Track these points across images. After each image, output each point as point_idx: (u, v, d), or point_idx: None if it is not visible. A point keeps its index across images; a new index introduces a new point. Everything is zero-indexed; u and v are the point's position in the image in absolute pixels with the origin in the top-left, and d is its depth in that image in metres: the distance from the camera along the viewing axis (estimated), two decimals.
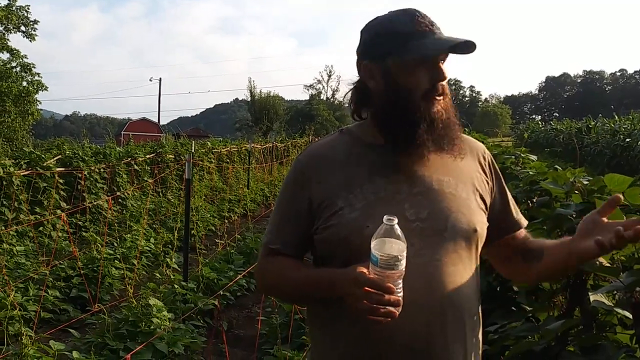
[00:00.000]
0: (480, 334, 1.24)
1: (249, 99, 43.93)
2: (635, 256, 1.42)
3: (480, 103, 78.27)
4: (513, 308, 1.88)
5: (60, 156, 8.32)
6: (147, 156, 10.36)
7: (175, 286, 4.60)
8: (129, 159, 9.65)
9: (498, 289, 2.05)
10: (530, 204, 2.17)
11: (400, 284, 1.02)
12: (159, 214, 8.32)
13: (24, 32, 23.90)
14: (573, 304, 1.54)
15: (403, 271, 1.01)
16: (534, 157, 3.31)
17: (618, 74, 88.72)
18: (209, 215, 8.50)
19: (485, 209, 1.24)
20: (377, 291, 1.01)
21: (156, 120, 44.90)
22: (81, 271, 5.03)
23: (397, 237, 1.00)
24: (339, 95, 52.52)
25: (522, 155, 3.50)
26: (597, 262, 1.44)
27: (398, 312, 1.02)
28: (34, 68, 23.52)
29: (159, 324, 3.72)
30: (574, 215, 1.57)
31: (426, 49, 1.13)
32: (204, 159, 11.40)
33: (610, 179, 1.55)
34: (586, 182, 1.72)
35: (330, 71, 55.21)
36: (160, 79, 46.94)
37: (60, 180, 7.65)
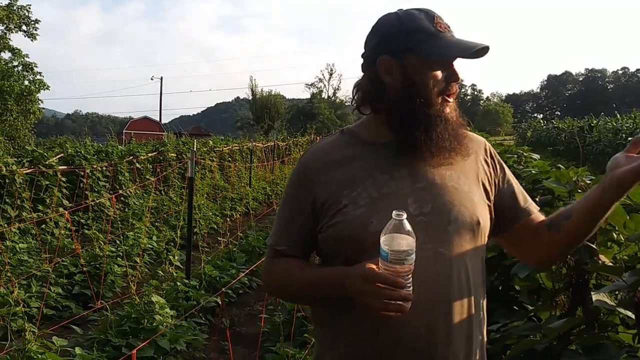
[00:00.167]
0: (485, 329, 1.25)
1: (250, 98, 44.01)
2: (638, 255, 1.42)
3: (481, 101, 78.12)
4: (515, 307, 1.88)
5: (62, 154, 8.35)
6: (149, 155, 10.38)
7: (178, 284, 4.62)
8: (131, 158, 9.66)
9: (500, 288, 2.05)
10: None
11: (410, 278, 1.02)
12: (161, 212, 8.34)
13: (25, 32, 23.94)
14: (575, 303, 1.55)
15: (412, 266, 1.02)
16: (536, 156, 3.31)
17: (620, 72, 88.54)
18: (211, 213, 8.52)
19: (489, 201, 1.24)
20: (388, 286, 1.01)
21: (158, 119, 44.91)
22: (84, 268, 5.06)
23: (407, 232, 1.01)
24: (341, 94, 52.56)
25: (525, 154, 3.50)
26: (600, 261, 1.45)
27: (408, 307, 1.03)
28: (36, 67, 23.59)
29: (162, 321, 3.73)
30: None
31: (450, 49, 1.15)
32: (205, 158, 11.41)
33: None
34: (589, 181, 1.72)
35: (331, 70, 55.29)
36: (161, 78, 46.92)
37: (63, 179, 7.67)
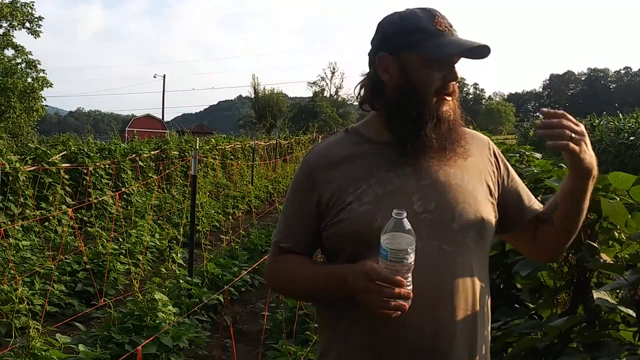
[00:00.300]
0: (489, 326, 1.26)
1: (252, 96, 43.96)
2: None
3: (484, 100, 77.92)
4: (516, 305, 1.88)
5: (65, 152, 8.37)
6: (152, 152, 10.40)
7: (181, 281, 4.63)
8: (134, 155, 9.67)
9: (501, 286, 2.06)
10: None
11: (410, 277, 1.04)
12: (164, 210, 8.36)
13: (28, 29, 23.99)
14: (576, 301, 1.56)
15: (412, 264, 1.03)
16: (538, 155, 3.31)
17: (622, 71, 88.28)
18: (213, 211, 8.54)
19: (493, 199, 1.25)
20: (388, 284, 1.02)
21: (160, 117, 44.85)
22: (87, 266, 5.08)
23: (406, 231, 1.02)
24: (343, 92, 52.50)
25: (527, 153, 3.50)
26: (601, 260, 1.46)
27: (408, 305, 1.04)
28: (39, 65, 23.64)
29: (164, 318, 3.75)
30: None
31: (445, 47, 1.16)
32: (208, 156, 11.42)
33: (614, 177, 1.56)
34: None
35: (333, 68, 55.12)
36: (164, 76, 46.38)
37: (66, 176, 7.69)
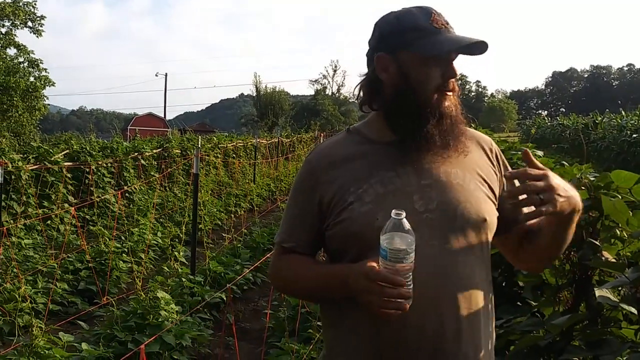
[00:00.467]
0: (493, 324, 1.26)
1: (254, 94, 43.95)
2: None
3: (486, 98, 77.79)
4: (518, 303, 1.89)
5: (68, 151, 8.40)
6: (154, 151, 10.42)
7: (183, 279, 4.64)
8: (136, 154, 9.69)
9: (503, 284, 2.06)
10: None
11: (410, 277, 1.04)
12: (166, 209, 8.38)
13: (30, 28, 24.03)
14: (578, 299, 1.56)
15: (412, 264, 1.03)
16: (540, 153, 3.30)
17: (625, 68, 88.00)
18: (215, 209, 8.55)
19: (494, 199, 1.25)
20: (387, 284, 1.03)
21: (162, 115, 44.90)
22: (89, 264, 5.09)
23: (406, 231, 1.02)
24: (345, 90, 52.51)
25: (529, 151, 3.49)
26: (603, 258, 1.46)
27: (408, 305, 1.04)
28: (42, 64, 23.68)
29: (167, 316, 3.76)
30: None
31: (442, 44, 1.16)
32: (210, 154, 11.44)
33: (617, 175, 1.55)
34: (593, 179, 1.72)
35: (335, 66, 55.21)
36: (166, 74, 46.35)
37: (68, 175, 7.71)
